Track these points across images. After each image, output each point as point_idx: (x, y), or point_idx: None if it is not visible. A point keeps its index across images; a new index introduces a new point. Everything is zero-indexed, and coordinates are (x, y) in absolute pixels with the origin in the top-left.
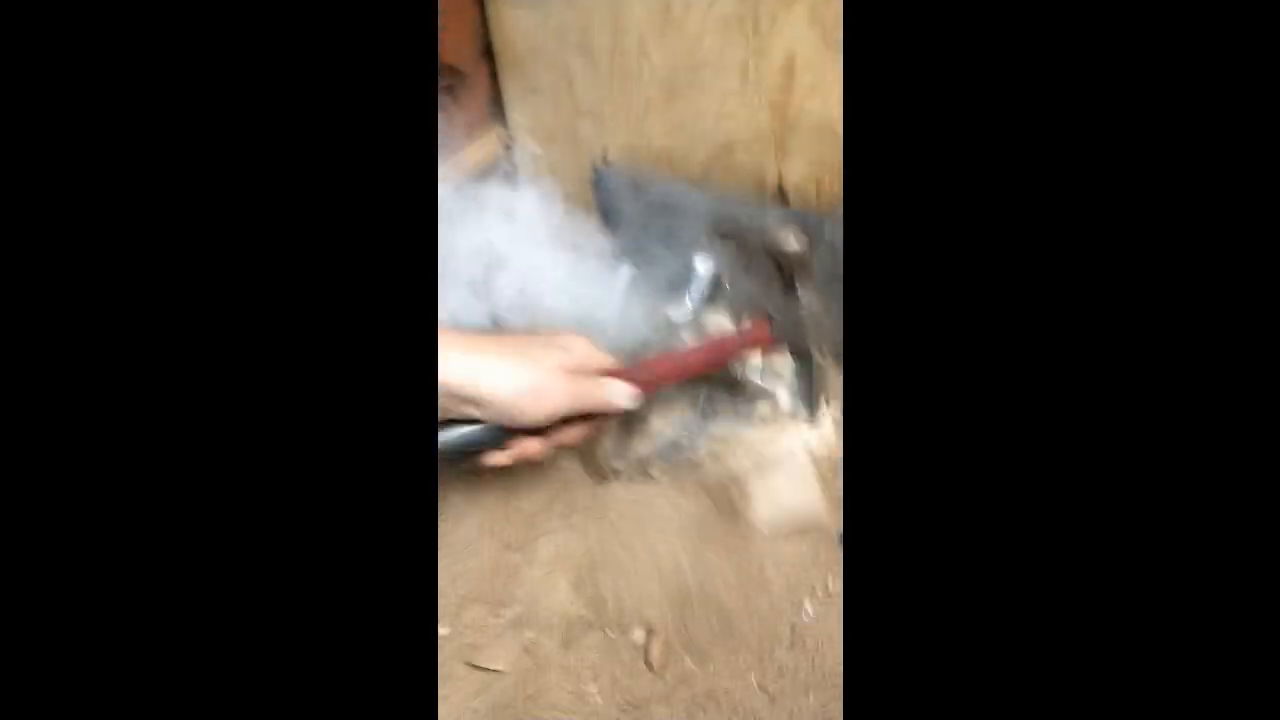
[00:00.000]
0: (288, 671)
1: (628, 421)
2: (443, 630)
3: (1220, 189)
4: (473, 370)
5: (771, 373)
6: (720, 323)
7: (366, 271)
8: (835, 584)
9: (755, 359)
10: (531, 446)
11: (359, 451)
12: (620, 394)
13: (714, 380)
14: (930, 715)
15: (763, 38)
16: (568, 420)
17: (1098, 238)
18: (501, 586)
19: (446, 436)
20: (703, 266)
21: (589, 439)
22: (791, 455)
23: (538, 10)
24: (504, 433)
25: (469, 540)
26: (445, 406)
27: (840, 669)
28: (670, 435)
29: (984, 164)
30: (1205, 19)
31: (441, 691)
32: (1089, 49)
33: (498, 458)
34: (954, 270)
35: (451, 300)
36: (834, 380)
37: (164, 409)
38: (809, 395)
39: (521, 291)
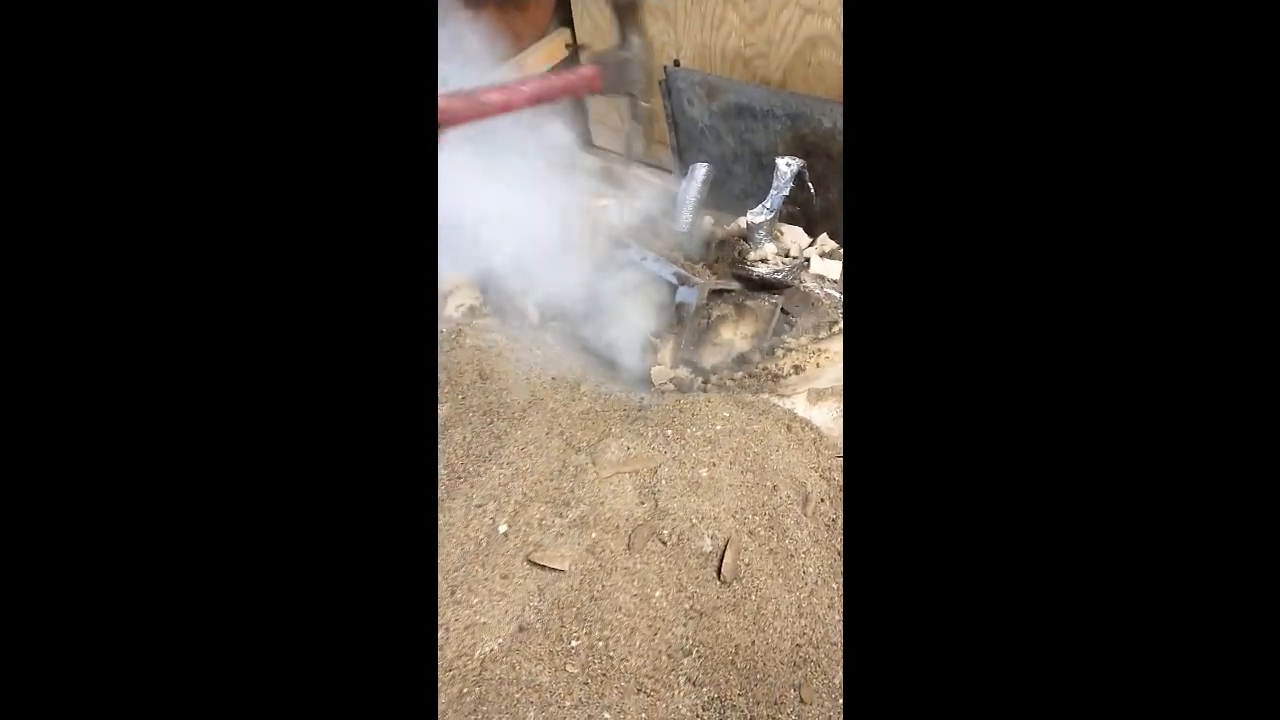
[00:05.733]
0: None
1: (699, 332)
2: (501, 528)
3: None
4: None
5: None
6: (794, 230)
7: (367, 234)
8: None
9: (816, 263)
10: None
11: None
12: None
13: (788, 294)
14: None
15: None
16: None
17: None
18: (566, 487)
19: None
20: (787, 166)
21: None
22: None
23: None
24: None
25: (535, 439)
26: None
27: None
28: (741, 347)
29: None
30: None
31: (500, 589)
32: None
33: None
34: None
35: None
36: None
37: (168, 392)
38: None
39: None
